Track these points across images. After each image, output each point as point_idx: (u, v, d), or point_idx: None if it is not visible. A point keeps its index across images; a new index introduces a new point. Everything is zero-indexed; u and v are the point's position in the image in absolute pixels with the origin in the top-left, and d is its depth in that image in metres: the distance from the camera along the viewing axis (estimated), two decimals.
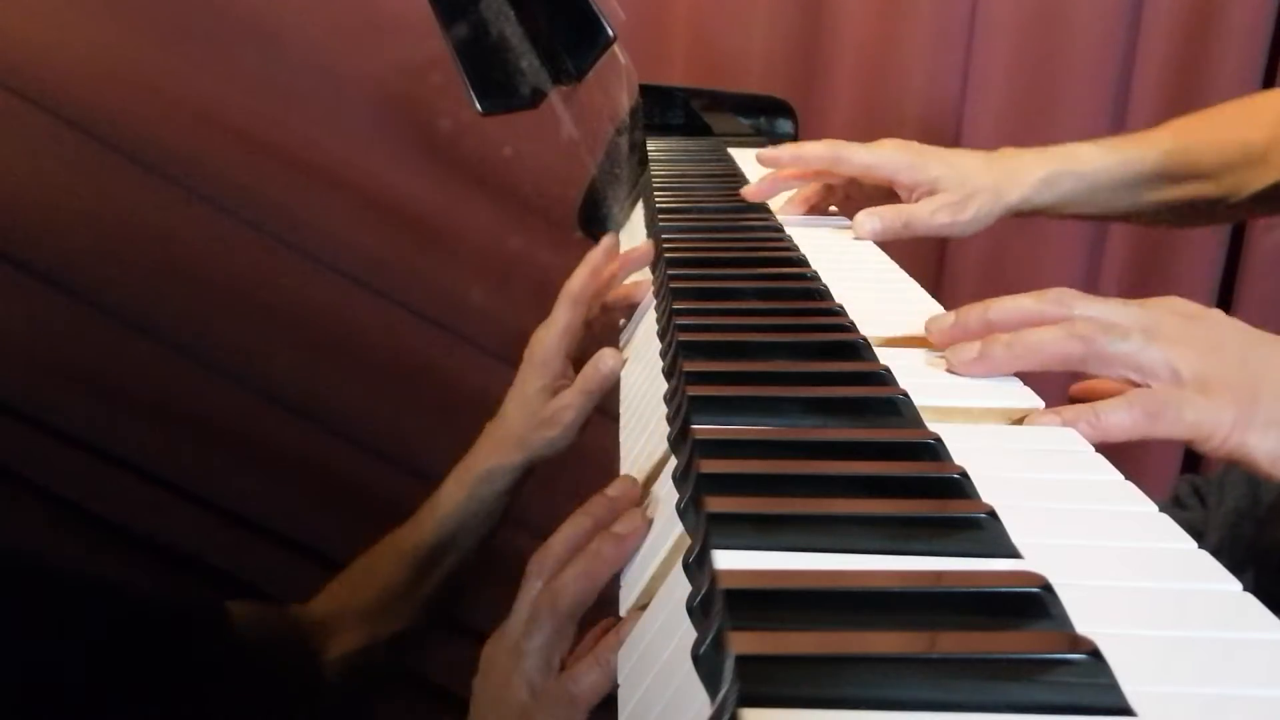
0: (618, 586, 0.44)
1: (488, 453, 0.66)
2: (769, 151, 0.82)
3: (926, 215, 0.75)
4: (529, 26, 0.61)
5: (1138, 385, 0.46)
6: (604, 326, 0.70)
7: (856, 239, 0.74)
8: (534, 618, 0.46)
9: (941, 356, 0.50)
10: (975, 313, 0.51)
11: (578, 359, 0.66)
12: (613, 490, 0.47)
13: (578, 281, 0.66)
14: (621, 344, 0.68)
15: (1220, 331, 0.47)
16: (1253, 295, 1.47)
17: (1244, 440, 0.44)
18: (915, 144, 0.80)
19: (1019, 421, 0.45)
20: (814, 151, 0.81)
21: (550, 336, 0.65)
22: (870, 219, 0.75)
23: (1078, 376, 0.50)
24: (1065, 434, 0.43)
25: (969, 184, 0.76)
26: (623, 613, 0.42)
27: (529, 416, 0.64)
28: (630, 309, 0.71)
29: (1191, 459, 1.58)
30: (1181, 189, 0.80)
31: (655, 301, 0.63)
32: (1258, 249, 1.45)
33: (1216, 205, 0.81)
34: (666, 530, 0.41)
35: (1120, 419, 0.44)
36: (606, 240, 0.69)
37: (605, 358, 0.62)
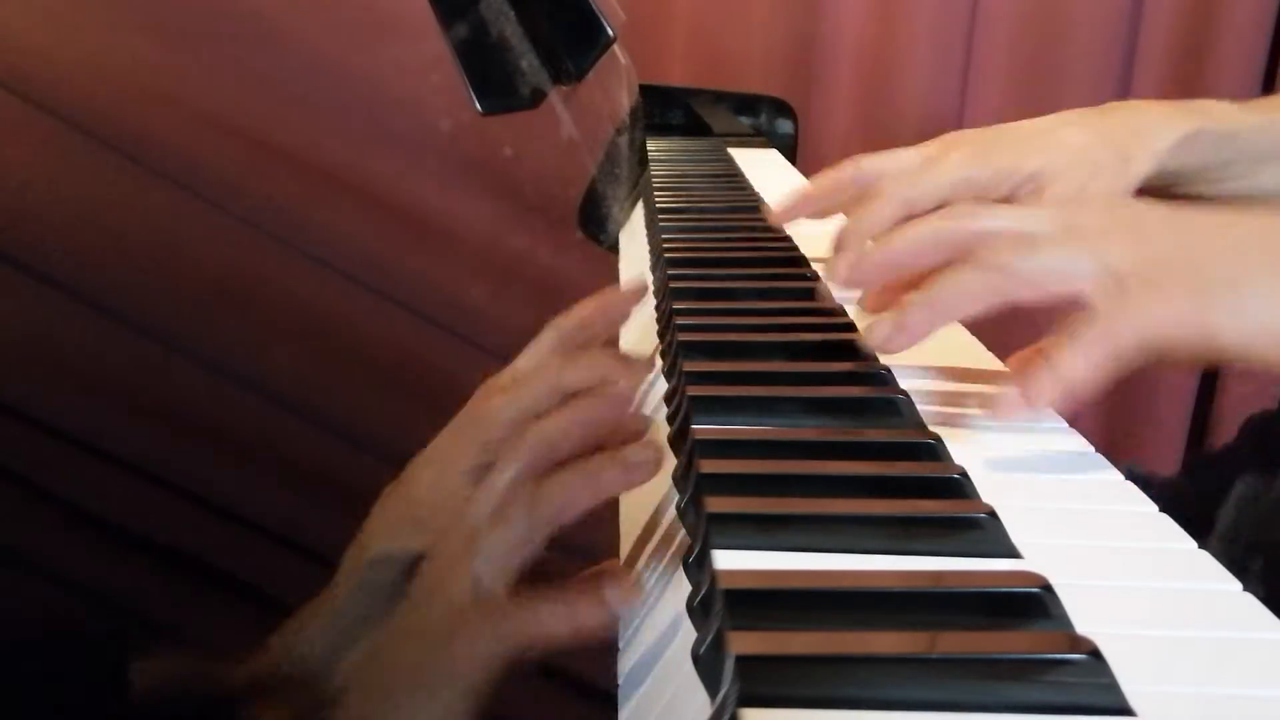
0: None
1: (379, 528, 0.49)
2: (777, 213, 0.63)
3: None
4: (529, 26, 0.61)
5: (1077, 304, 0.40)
6: None
7: None
8: (506, 508, 0.39)
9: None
10: (878, 252, 0.45)
11: None
12: (634, 422, 0.41)
13: (571, 324, 0.48)
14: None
15: (1146, 212, 0.42)
16: None
17: (1209, 327, 0.38)
18: (978, 135, 0.60)
19: (985, 405, 0.41)
20: (840, 182, 0.60)
21: (505, 409, 0.44)
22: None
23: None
24: (1067, 434, 0.43)
25: (1083, 161, 0.57)
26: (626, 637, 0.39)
27: (442, 494, 0.47)
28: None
29: (1193, 447, 1.58)
30: None
31: (655, 301, 0.63)
32: None
33: None
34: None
35: (1078, 363, 0.39)
36: (616, 295, 0.50)
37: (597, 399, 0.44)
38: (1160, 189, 0.59)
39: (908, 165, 0.58)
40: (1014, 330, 0.45)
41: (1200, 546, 0.34)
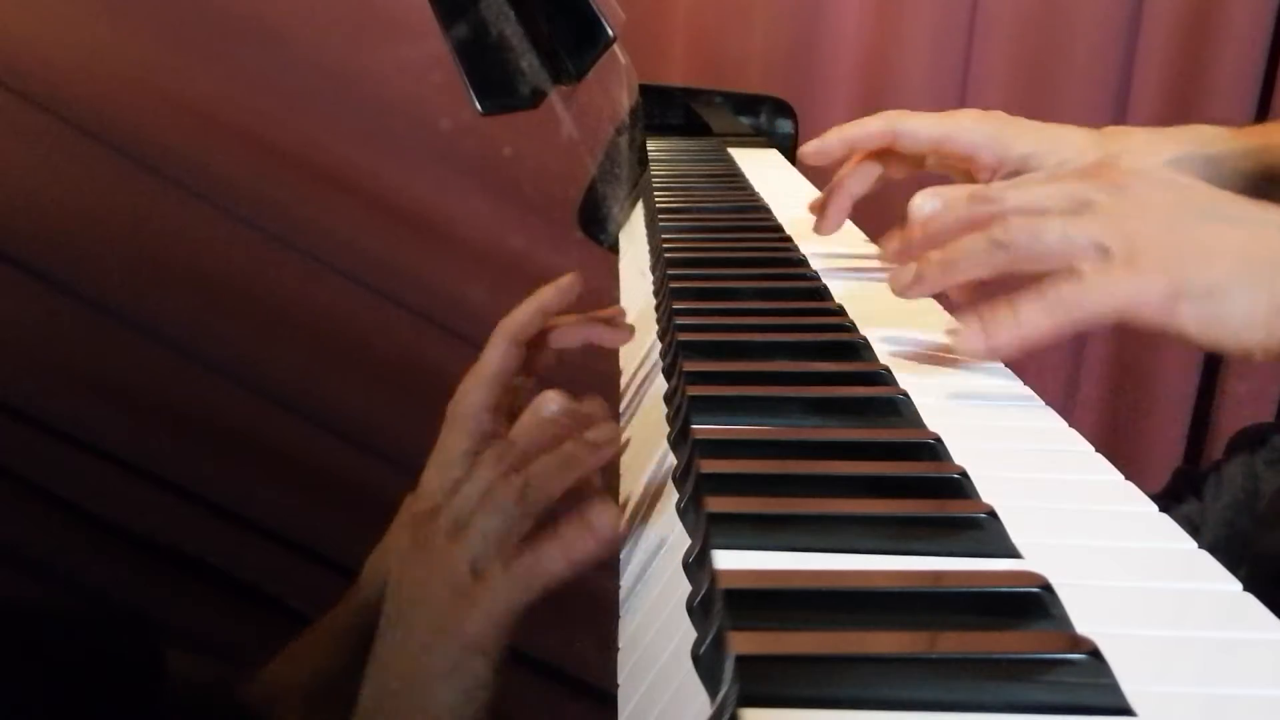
0: (617, 582, 0.43)
1: (397, 527, 0.54)
2: (813, 145, 0.68)
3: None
4: (529, 26, 0.61)
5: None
6: (551, 372, 0.58)
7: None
8: (494, 500, 0.43)
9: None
10: (917, 233, 0.52)
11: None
12: (586, 407, 0.47)
13: (516, 321, 0.53)
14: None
15: (1150, 198, 0.46)
16: None
17: (1174, 311, 0.43)
18: (1000, 114, 0.66)
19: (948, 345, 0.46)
20: (869, 130, 0.66)
21: (474, 387, 0.51)
22: (931, 201, 0.57)
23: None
24: (1067, 434, 0.43)
25: (1071, 163, 0.63)
26: (627, 626, 0.40)
27: (445, 486, 0.52)
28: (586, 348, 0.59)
29: (1192, 452, 1.58)
30: None
31: (655, 301, 0.63)
32: None
33: None
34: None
35: (1037, 309, 0.43)
36: (565, 280, 0.55)
37: (547, 401, 0.50)
38: None
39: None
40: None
41: None
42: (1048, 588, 0.30)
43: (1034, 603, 0.30)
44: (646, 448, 0.48)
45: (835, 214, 0.69)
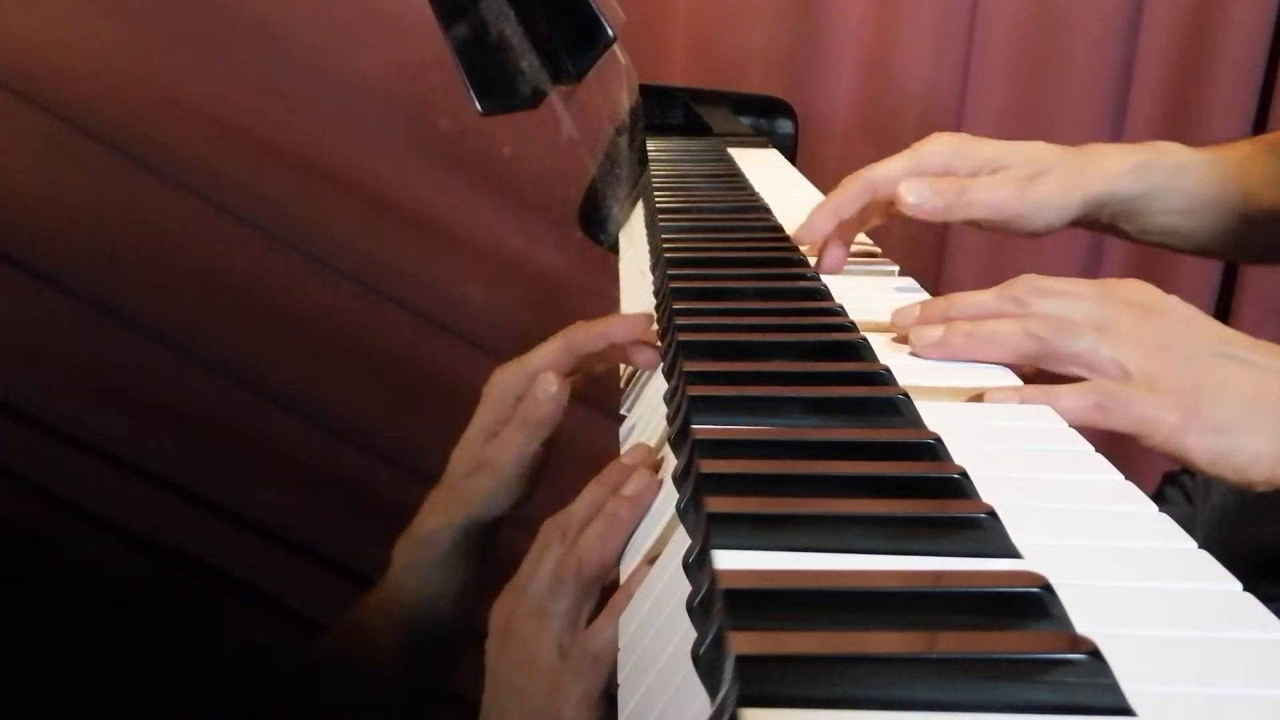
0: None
1: (425, 514, 0.56)
2: (803, 230, 0.67)
3: (988, 189, 0.63)
4: (529, 26, 0.61)
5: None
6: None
7: (906, 213, 0.63)
8: (559, 580, 0.45)
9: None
10: (939, 307, 0.53)
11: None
12: (627, 458, 0.47)
13: (581, 333, 0.55)
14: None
15: (1172, 330, 0.49)
16: (1252, 294, 1.47)
17: (1183, 441, 0.46)
18: (967, 135, 0.69)
19: (978, 398, 0.46)
20: (849, 194, 0.66)
21: (513, 373, 0.54)
22: (916, 189, 0.62)
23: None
24: (1067, 434, 0.43)
25: (1037, 162, 0.67)
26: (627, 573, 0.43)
27: (463, 463, 0.55)
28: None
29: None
30: None
31: (655, 301, 0.63)
32: None
33: None
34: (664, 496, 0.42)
35: (1073, 404, 0.46)
36: (638, 316, 0.56)
37: (546, 383, 0.52)
38: (1118, 213, 0.69)
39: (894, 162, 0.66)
40: None
41: None
42: (1048, 588, 0.30)
43: (1034, 603, 0.30)
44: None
45: (815, 230, 0.67)
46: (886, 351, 0.52)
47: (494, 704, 0.47)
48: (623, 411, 0.57)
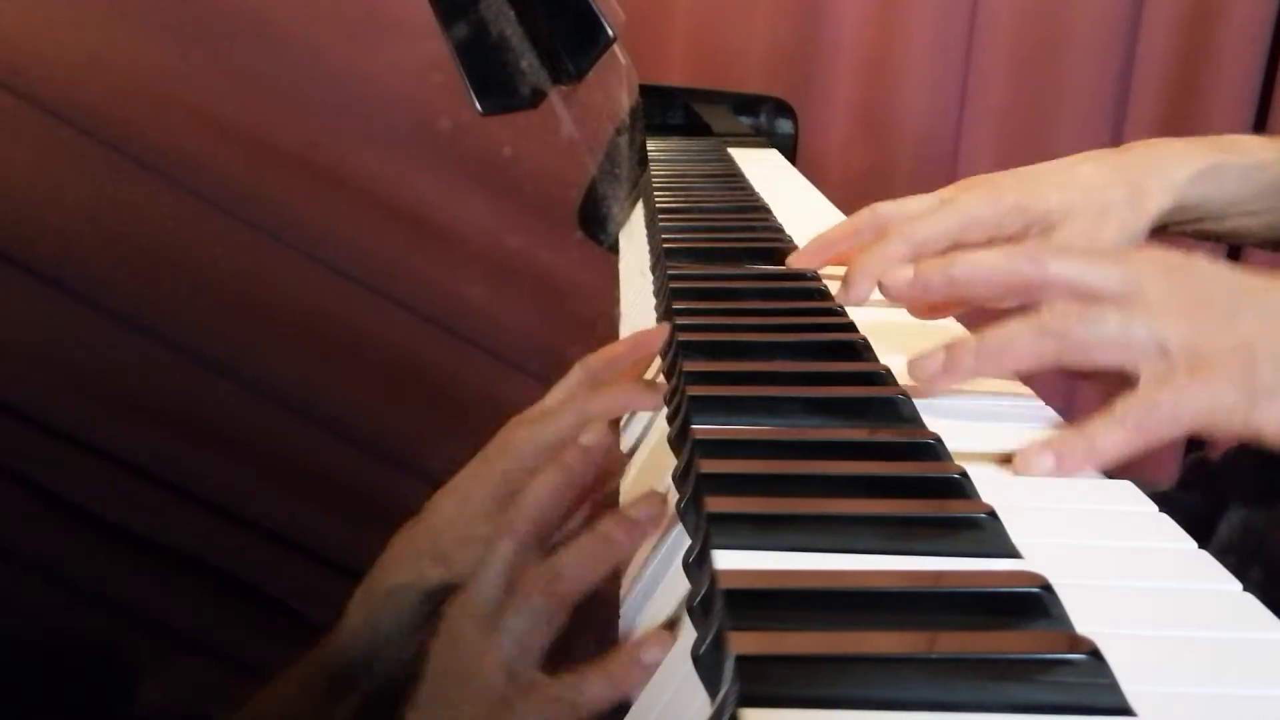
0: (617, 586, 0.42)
1: (396, 560, 0.47)
2: (847, 295, 0.57)
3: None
4: (529, 26, 0.61)
5: (1121, 372, 0.42)
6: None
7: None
8: (521, 593, 0.38)
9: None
10: (938, 272, 0.46)
11: None
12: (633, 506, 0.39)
13: (601, 404, 0.47)
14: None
15: (1207, 284, 0.43)
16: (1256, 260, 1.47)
17: (1250, 420, 0.39)
18: (994, 178, 0.60)
19: (1007, 461, 0.41)
20: (891, 259, 0.55)
21: (527, 444, 0.45)
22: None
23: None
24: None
25: (1096, 198, 0.57)
26: (626, 626, 0.39)
27: (462, 524, 0.47)
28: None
29: (1192, 446, 1.58)
30: None
31: (655, 301, 0.63)
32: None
33: None
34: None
35: (1114, 441, 0.40)
36: (656, 389, 0.49)
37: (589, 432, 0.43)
38: (1187, 223, 0.60)
39: (922, 209, 0.58)
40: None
41: None
42: (1048, 588, 0.30)
43: (1034, 603, 0.30)
44: (646, 448, 0.48)
45: (812, 258, 0.63)
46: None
47: (424, 706, 0.40)
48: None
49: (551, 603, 0.38)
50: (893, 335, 0.53)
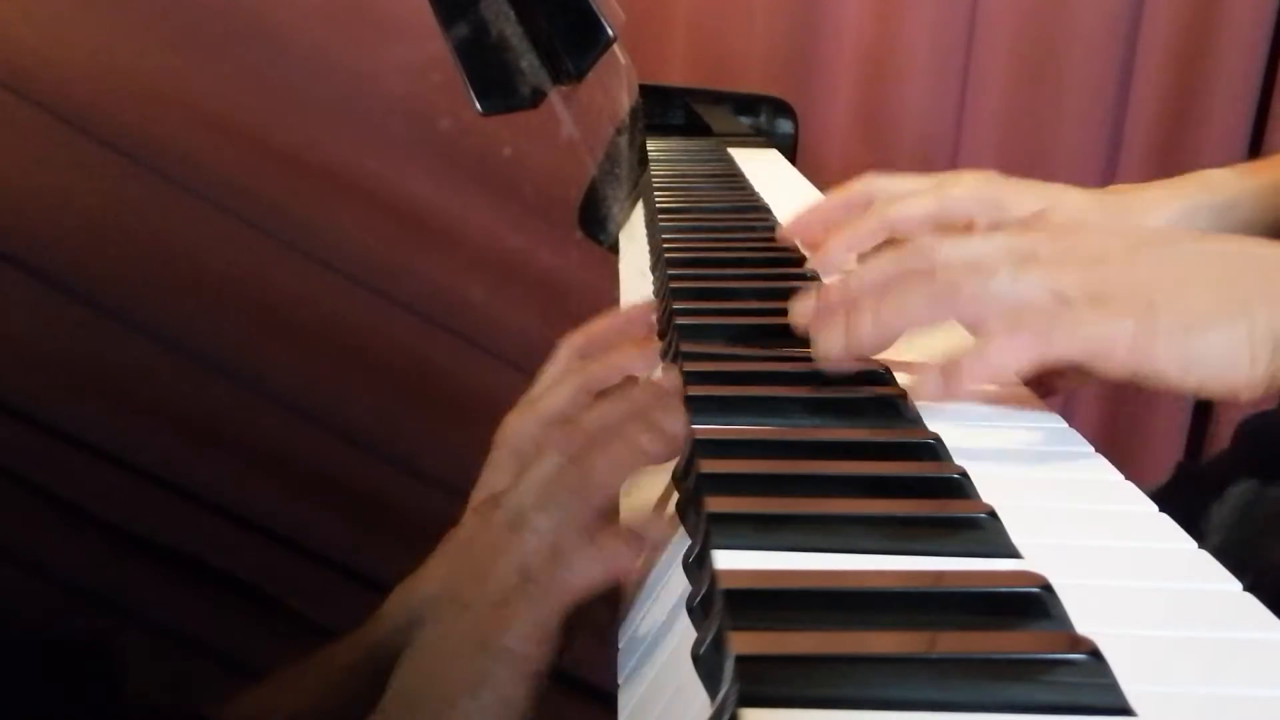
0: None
1: (435, 563, 0.47)
2: (819, 262, 0.61)
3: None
4: (529, 26, 0.61)
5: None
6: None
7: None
8: (552, 492, 0.39)
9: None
10: (835, 290, 0.47)
11: None
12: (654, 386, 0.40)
13: (600, 371, 0.48)
14: None
15: (1102, 240, 0.43)
16: None
17: (1149, 351, 0.39)
18: (994, 174, 0.62)
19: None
20: (864, 234, 0.60)
21: (530, 420, 0.46)
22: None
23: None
24: (1067, 434, 0.43)
25: (1074, 217, 0.60)
26: (629, 626, 0.39)
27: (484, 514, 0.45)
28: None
29: (1193, 446, 1.58)
30: None
31: (656, 302, 0.63)
32: None
33: None
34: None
35: (1007, 347, 0.40)
36: (650, 348, 0.50)
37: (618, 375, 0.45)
38: None
39: (911, 189, 0.61)
40: None
41: None
42: (1048, 588, 0.30)
43: (1034, 603, 0.30)
44: None
45: (803, 227, 0.66)
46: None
47: (423, 609, 0.41)
48: None
49: (581, 507, 0.38)
50: None
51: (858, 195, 0.63)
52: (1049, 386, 0.50)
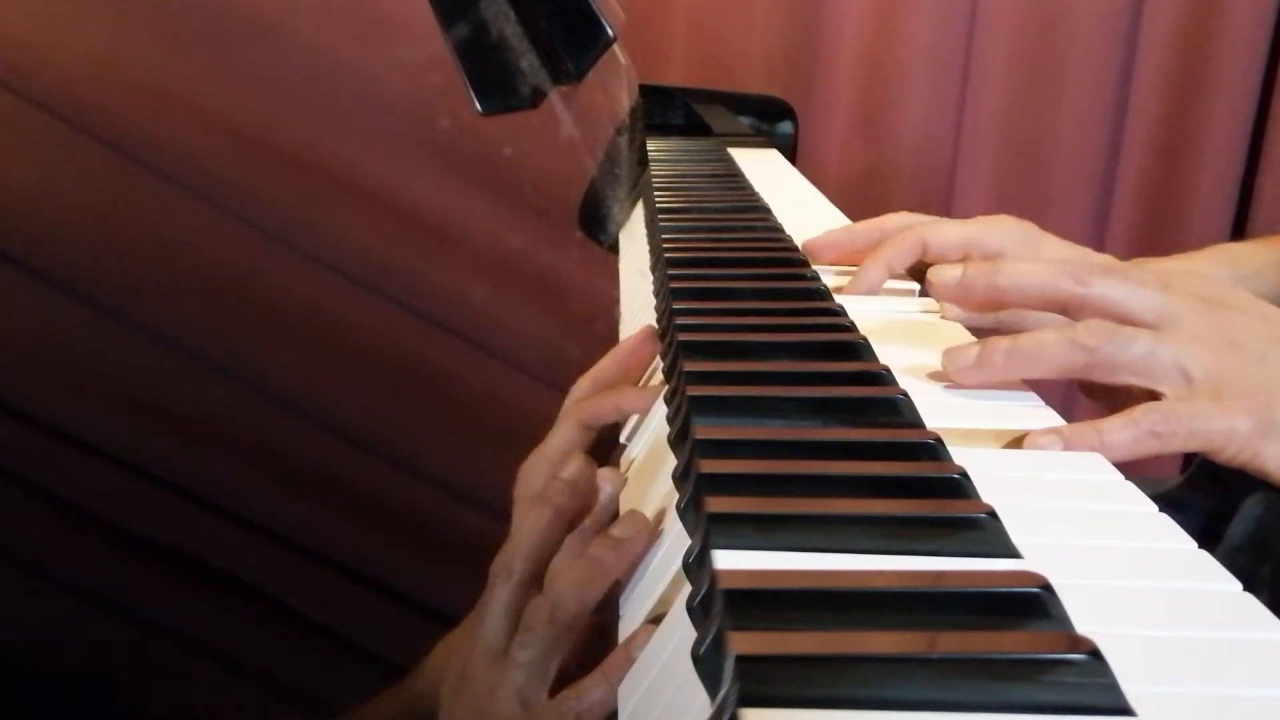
0: (619, 592, 0.43)
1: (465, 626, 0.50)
2: (856, 285, 0.62)
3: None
4: (529, 26, 0.61)
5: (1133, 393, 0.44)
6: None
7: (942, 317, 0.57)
8: (527, 627, 0.41)
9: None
10: (984, 276, 0.48)
11: None
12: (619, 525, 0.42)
13: (589, 410, 0.51)
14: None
15: (1242, 326, 0.44)
16: None
17: (1259, 450, 0.41)
18: (1034, 226, 0.62)
19: (1016, 443, 0.42)
20: (901, 252, 0.61)
21: (541, 468, 0.49)
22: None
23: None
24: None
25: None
26: (627, 626, 0.40)
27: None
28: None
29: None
30: None
31: (655, 301, 0.63)
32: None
33: None
34: (673, 543, 0.40)
35: (1125, 438, 0.41)
36: (648, 390, 0.52)
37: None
38: None
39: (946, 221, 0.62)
40: None
41: None
42: (1048, 588, 0.30)
43: (1034, 603, 0.30)
44: (646, 448, 0.48)
45: (829, 248, 0.66)
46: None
47: None
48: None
49: (555, 631, 0.41)
50: (893, 335, 0.53)
51: (893, 226, 0.63)
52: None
